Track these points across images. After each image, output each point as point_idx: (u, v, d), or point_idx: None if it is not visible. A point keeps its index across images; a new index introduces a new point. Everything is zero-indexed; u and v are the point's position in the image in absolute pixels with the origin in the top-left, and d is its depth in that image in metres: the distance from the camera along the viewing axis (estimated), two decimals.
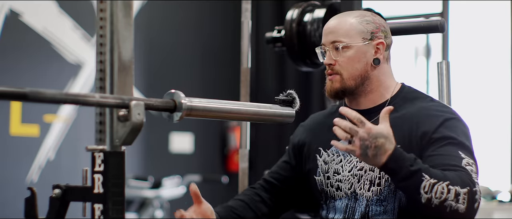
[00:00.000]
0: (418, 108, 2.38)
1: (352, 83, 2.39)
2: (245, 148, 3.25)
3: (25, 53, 5.38)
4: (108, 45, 1.76)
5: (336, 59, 2.38)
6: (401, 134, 2.30)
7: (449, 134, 2.29)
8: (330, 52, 2.39)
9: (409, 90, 2.47)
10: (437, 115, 2.34)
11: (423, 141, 2.30)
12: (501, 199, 4.81)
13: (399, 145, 2.22)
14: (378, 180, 2.34)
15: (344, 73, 2.38)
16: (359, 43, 2.39)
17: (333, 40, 2.39)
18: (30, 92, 1.58)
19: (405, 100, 2.42)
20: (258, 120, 2.17)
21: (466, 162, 2.25)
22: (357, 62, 2.38)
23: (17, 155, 5.34)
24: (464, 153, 2.27)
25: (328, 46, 2.40)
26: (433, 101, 2.42)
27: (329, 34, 2.41)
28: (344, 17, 2.43)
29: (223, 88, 6.55)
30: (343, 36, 2.38)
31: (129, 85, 1.76)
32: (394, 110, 2.35)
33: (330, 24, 2.43)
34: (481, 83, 6.18)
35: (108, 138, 1.74)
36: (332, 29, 2.41)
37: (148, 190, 5.60)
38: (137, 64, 5.81)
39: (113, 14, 1.76)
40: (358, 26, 2.40)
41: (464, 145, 2.30)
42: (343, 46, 2.37)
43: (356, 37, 2.39)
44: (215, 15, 6.63)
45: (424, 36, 6.18)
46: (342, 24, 2.40)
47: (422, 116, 2.34)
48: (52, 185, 1.83)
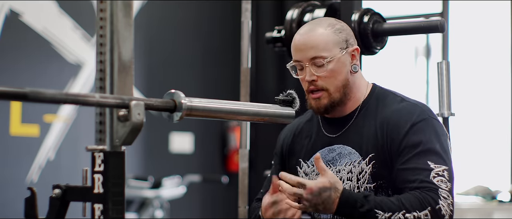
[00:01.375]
0: (389, 112, 2.36)
1: (338, 96, 2.37)
2: (245, 148, 3.25)
3: (25, 53, 5.38)
4: (108, 45, 1.76)
5: (318, 75, 2.34)
6: (375, 142, 2.32)
7: (417, 141, 2.29)
8: (309, 68, 2.35)
9: (380, 91, 2.44)
10: (405, 119, 2.33)
11: (393, 149, 2.31)
12: (501, 199, 4.81)
13: (373, 154, 2.29)
14: (358, 189, 2.36)
15: (330, 87, 2.35)
16: (338, 55, 2.35)
17: (314, 56, 2.34)
18: (30, 92, 1.58)
19: (377, 102, 2.40)
20: (258, 120, 2.17)
21: (434, 173, 2.26)
22: (339, 74, 2.36)
23: (17, 155, 5.34)
24: (433, 160, 2.27)
25: (307, 63, 2.35)
26: (403, 101, 2.39)
27: (308, 50, 2.34)
28: (315, 29, 2.37)
29: (223, 88, 6.55)
30: (323, 50, 2.34)
31: (129, 85, 1.76)
32: (368, 115, 2.37)
33: (305, 40, 2.36)
34: (481, 83, 6.18)
35: (108, 138, 1.74)
36: (310, 45, 2.35)
37: (148, 190, 5.60)
38: (137, 64, 5.81)
39: (113, 14, 1.76)
40: (334, 37, 2.36)
41: (432, 150, 2.29)
42: (326, 62, 2.33)
43: (334, 49, 2.35)
44: (215, 15, 6.63)
45: (424, 36, 6.18)
46: (319, 38, 2.35)
47: (391, 122, 2.34)
48: (52, 185, 1.83)
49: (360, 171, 2.35)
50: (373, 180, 2.33)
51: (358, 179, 2.35)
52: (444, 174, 2.26)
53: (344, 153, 2.38)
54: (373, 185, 2.33)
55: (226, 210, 6.48)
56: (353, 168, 2.36)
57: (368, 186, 2.34)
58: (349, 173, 2.37)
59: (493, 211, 4.65)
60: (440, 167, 2.27)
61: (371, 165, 2.33)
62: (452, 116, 2.78)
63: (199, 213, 6.47)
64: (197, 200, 6.42)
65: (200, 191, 6.35)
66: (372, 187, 2.34)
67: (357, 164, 2.35)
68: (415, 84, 6.29)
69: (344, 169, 2.37)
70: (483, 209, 4.66)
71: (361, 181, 2.35)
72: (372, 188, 2.34)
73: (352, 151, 2.37)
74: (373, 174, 2.33)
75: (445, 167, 2.27)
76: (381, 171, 2.32)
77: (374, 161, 2.33)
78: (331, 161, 2.40)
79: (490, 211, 4.65)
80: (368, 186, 2.34)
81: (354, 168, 2.36)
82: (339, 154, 2.39)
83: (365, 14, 2.91)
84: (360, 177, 2.35)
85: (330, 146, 2.42)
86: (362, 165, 2.34)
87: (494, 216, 4.62)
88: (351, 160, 2.36)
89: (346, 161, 2.38)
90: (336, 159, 2.39)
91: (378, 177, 2.33)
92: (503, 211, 4.68)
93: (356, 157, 2.35)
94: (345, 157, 2.37)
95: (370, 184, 2.34)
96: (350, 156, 2.37)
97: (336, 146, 2.40)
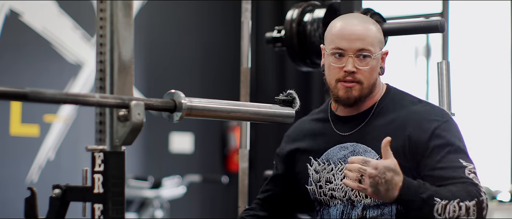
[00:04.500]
0: (407, 113, 2.36)
1: (367, 92, 2.37)
2: (245, 148, 3.25)
3: (25, 53, 5.38)
4: (108, 45, 1.76)
5: (360, 68, 2.34)
6: (393, 144, 2.29)
7: (445, 141, 2.30)
8: (352, 59, 2.33)
9: (396, 92, 2.45)
10: (429, 120, 2.33)
11: (419, 150, 2.31)
12: (501, 199, 4.81)
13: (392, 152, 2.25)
14: None
15: (365, 82, 2.35)
16: (379, 53, 2.37)
17: (361, 48, 2.33)
18: (30, 92, 1.58)
19: (393, 102, 2.41)
20: (258, 120, 2.17)
21: (468, 170, 2.27)
22: (375, 71, 2.37)
23: (17, 155, 5.34)
24: (463, 158, 2.29)
25: (351, 52, 2.33)
26: (421, 102, 2.41)
27: (356, 41, 2.33)
28: (366, 23, 2.37)
29: (223, 88, 6.55)
30: (370, 45, 2.34)
31: (129, 85, 1.76)
32: (384, 114, 2.36)
33: (356, 31, 2.35)
34: (481, 83, 6.18)
35: (108, 138, 1.74)
36: (359, 36, 2.33)
37: (148, 190, 5.60)
38: (137, 64, 5.81)
39: (113, 14, 1.76)
40: (379, 36, 2.38)
41: (461, 149, 2.31)
42: (370, 56, 2.34)
43: (377, 47, 2.36)
44: (215, 15, 6.63)
45: (424, 36, 6.17)
46: (368, 33, 2.35)
47: (412, 124, 2.34)
48: (52, 185, 1.83)
49: None
50: None
51: None
52: (475, 171, 2.29)
53: (358, 151, 2.37)
54: None
55: (226, 210, 6.48)
56: None
57: None
58: None
59: (493, 211, 4.65)
60: (470, 165, 2.29)
61: None
62: (452, 116, 2.78)
63: (199, 213, 6.47)
64: (197, 200, 6.42)
65: (200, 191, 6.35)
66: None
67: None
68: (415, 84, 6.29)
69: None
70: None
71: None
72: None
73: (367, 149, 2.35)
74: None
75: (473, 165, 2.30)
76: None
77: None
78: (342, 158, 2.39)
79: (490, 211, 4.65)
80: None
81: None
82: (352, 152, 2.38)
83: (365, 14, 2.91)
84: None
85: (342, 144, 2.41)
86: None
87: (494, 216, 4.62)
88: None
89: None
90: (348, 157, 2.37)
91: None
92: (503, 211, 4.68)
93: (372, 155, 2.34)
94: (360, 155, 2.35)
95: None
96: (365, 154, 2.35)
97: (349, 144, 2.39)
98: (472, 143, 6.03)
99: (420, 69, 6.33)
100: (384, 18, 2.96)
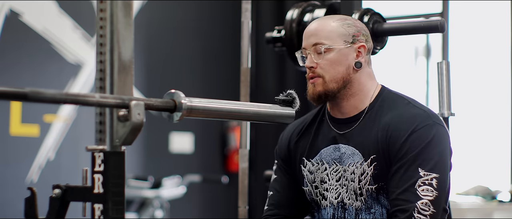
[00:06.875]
0: (393, 116, 2.36)
1: (334, 86, 2.38)
2: (245, 148, 3.25)
3: (25, 53, 5.38)
4: (108, 45, 1.76)
5: (317, 62, 2.38)
6: (377, 145, 2.33)
7: (414, 147, 2.29)
8: (311, 55, 2.39)
9: (388, 94, 2.44)
10: (407, 124, 2.32)
11: (392, 153, 2.32)
12: (501, 199, 4.81)
13: (375, 156, 2.31)
14: (359, 190, 2.37)
15: (326, 76, 2.37)
16: (340, 46, 2.38)
17: (314, 42, 2.38)
18: (30, 92, 1.58)
19: (382, 105, 2.40)
20: (258, 120, 2.17)
21: (421, 181, 2.26)
22: (339, 65, 2.38)
23: (17, 155, 5.34)
24: (425, 167, 2.27)
25: (310, 50, 2.39)
26: (409, 105, 2.39)
27: (310, 37, 2.40)
28: (325, 20, 2.43)
29: (223, 88, 6.55)
30: (325, 38, 2.38)
31: (129, 85, 1.76)
32: (374, 117, 2.37)
33: (311, 27, 2.43)
34: (481, 83, 6.18)
35: (108, 138, 1.74)
36: (313, 32, 2.40)
37: (148, 190, 5.60)
38: (137, 64, 5.81)
39: (113, 14, 1.76)
40: (340, 29, 2.39)
41: (428, 157, 2.28)
42: (325, 49, 2.37)
43: (337, 40, 2.38)
44: (215, 15, 6.62)
45: (424, 36, 6.17)
46: (324, 27, 2.40)
47: (392, 125, 2.34)
48: (52, 185, 1.83)
49: (362, 172, 2.35)
50: (375, 182, 2.34)
51: (360, 180, 2.36)
52: (433, 182, 2.26)
53: (348, 153, 2.39)
54: (374, 187, 2.34)
55: (226, 210, 6.48)
56: (355, 169, 2.37)
57: (370, 187, 2.35)
58: (352, 174, 2.37)
59: (493, 211, 4.65)
60: (429, 175, 2.27)
61: (372, 166, 2.34)
62: (452, 116, 2.78)
63: (199, 213, 6.47)
64: (197, 200, 6.42)
65: (200, 191, 6.35)
66: (374, 188, 2.35)
67: (359, 165, 2.36)
68: (415, 84, 6.29)
69: (348, 169, 2.38)
70: (483, 209, 4.66)
71: (363, 182, 2.36)
72: (374, 190, 2.35)
73: (355, 151, 2.38)
74: (375, 175, 2.34)
75: (435, 175, 2.27)
76: (382, 172, 2.33)
77: (376, 162, 2.33)
78: (338, 159, 2.42)
79: (490, 211, 4.65)
80: (370, 187, 2.35)
81: (357, 168, 2.36)
82: (343, 153, 2.40)
83: (365, 14, 2.91)
84: (362, 178, 2.36)
85: (335, 145, 2.43)
86: (364, 166, 2.35)
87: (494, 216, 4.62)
88: (354, 161, 2.37)
89: (349, 161, 2.39)
90: (342, 158, 2.40)
91: (379, 178, 2.34)
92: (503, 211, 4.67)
93: (358, 158, 2.36)
94: (349, 157, 2.39)
95: (372, 185, 2.34)
96: (353, 157, 2.38)
97: (342, 146, 2.41)
98: (472, 143, 6.04)
99: (420, 69, 6.33)
100: (384, 18, 2.96)
